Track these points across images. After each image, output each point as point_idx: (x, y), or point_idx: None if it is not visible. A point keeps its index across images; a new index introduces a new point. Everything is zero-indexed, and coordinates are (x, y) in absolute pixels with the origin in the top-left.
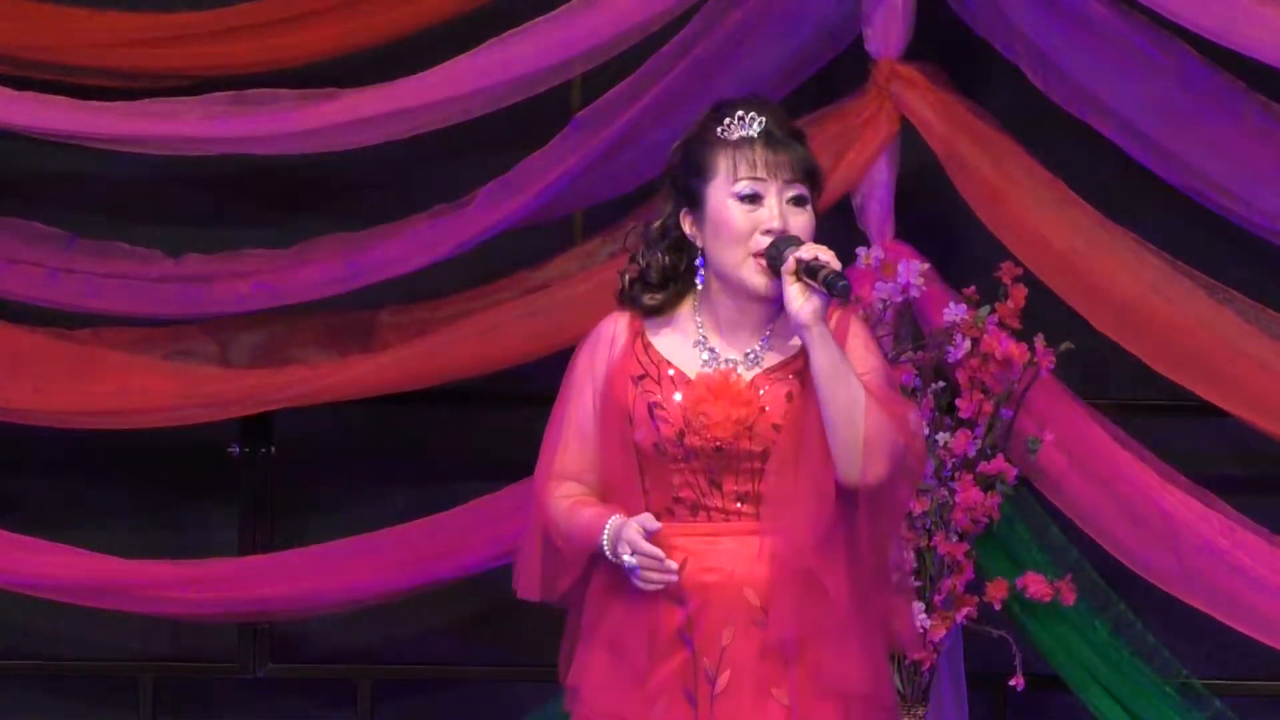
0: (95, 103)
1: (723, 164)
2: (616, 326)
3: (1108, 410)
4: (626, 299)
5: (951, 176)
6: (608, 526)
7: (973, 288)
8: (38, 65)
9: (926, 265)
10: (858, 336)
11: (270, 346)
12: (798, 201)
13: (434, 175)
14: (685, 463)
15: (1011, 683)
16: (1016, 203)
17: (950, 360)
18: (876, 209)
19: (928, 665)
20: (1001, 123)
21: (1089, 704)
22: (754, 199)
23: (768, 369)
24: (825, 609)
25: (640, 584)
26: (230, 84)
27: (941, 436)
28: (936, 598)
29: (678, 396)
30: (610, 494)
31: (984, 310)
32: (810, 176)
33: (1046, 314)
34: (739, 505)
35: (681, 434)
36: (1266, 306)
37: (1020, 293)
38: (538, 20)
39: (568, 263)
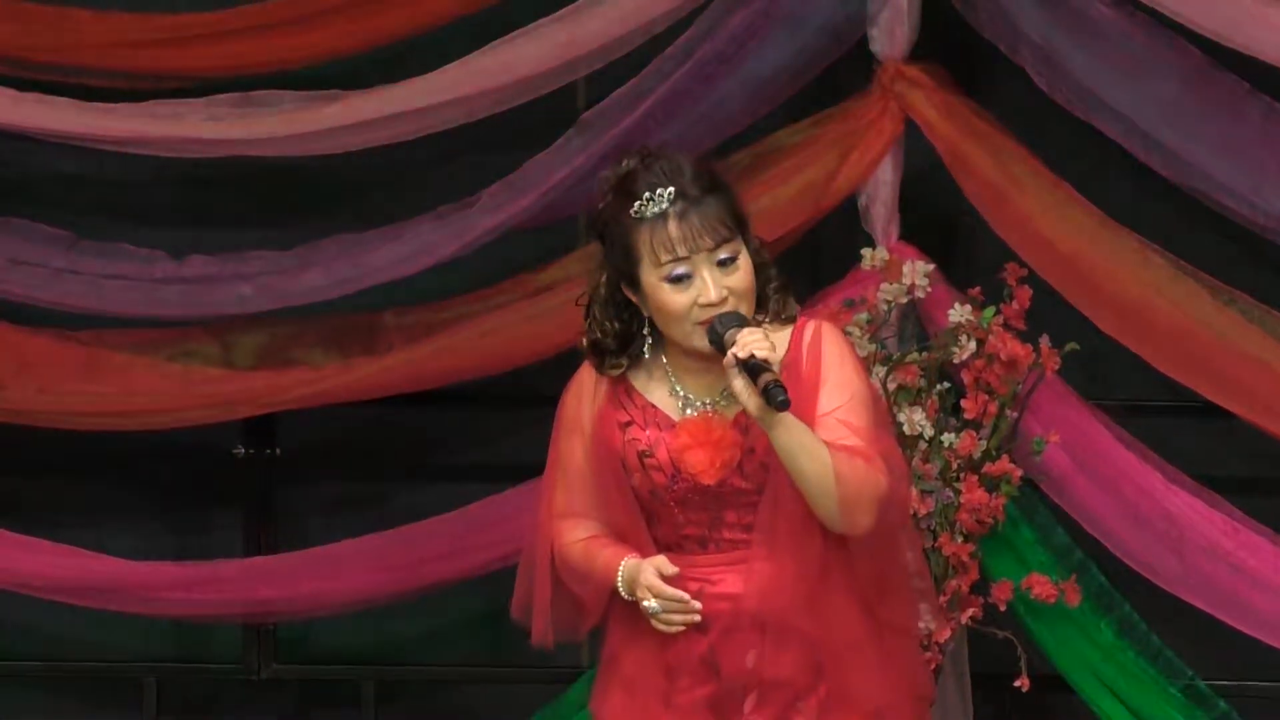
0: (99, 104)
1: (644, 248)
2: (593, 374)
3: (1112, 411)
4: (594, 365)
5: (956, 177)
6: (621, 568)
7: (978, 289)
8: (42, 66)
9: (931, 266)
10: (831, 357)
11: (274, 348)
12: (727, 262)
13: (438, 177)
14: (682, 505)
15: (1016, 684)
16: (1021, 204)
17: (955, 361)
18: (881, 210)
19: (933, 666)
20: (1006, 124)
21: (1094, 705)
22: (684, 279)
23: None
24: (832, 640)
25: (661, 627)
26: (234, 85)
27: (946, 437)
28: (942, 599)
29: (664, 443)
30: (619, 534)
31: (989, 311)
32: (734, 223)
33: (1051, 315)
34: (747, 534)
35: (673, 480)
36: (1271, 308)
37: (1025, 294)
38: (542, 21)
39: (571, 264)
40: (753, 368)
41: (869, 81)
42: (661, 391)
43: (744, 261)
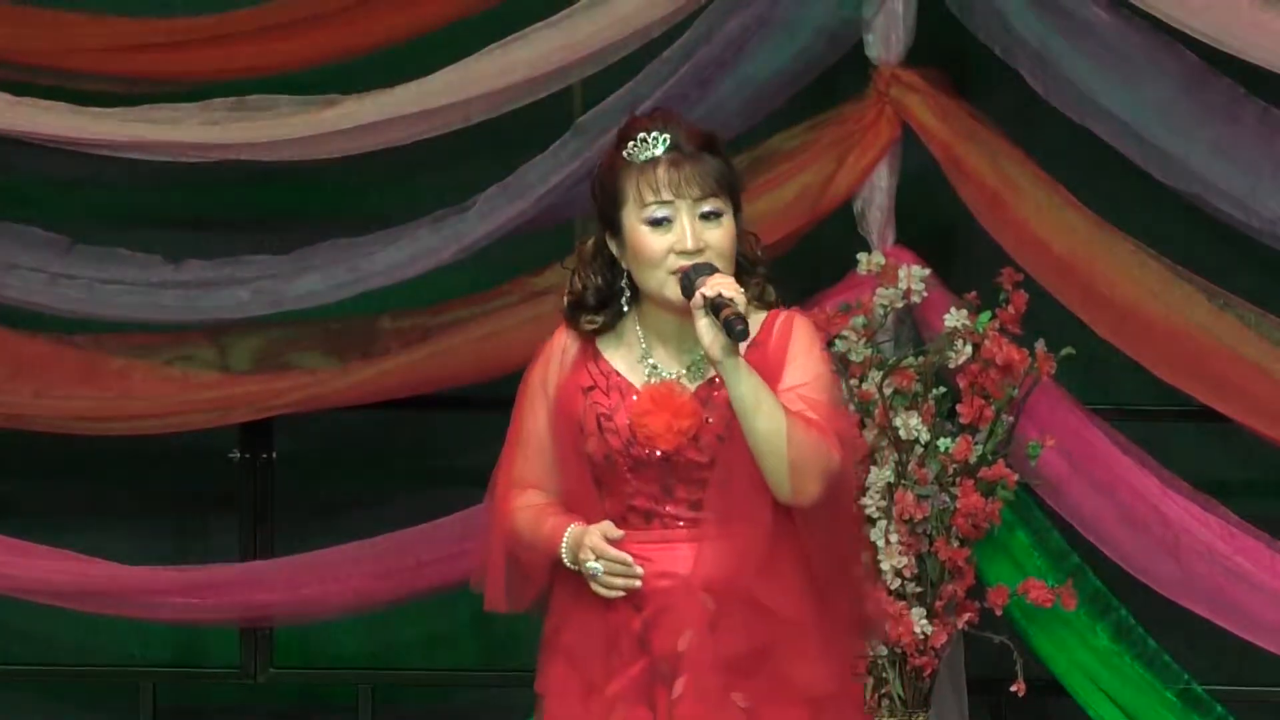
0: (95, 108)
1: (630, 189)
2: (567, 339)
3: (1108, 415)
4: (570, 323)
5: (952, 181)
6: (566, 534)
7: (974, 293)
8: (38, 70)
9: (927, 270)
10: (800, 343)
11: (271, 352)
12: (710, 216)
13: (434, 181)
14: (635, 473)
15: (1013, 688)
16: (1017, 208)
17: (951, 365)
18: (877, 214)
19: (929, 671)
20: (1002, 128)
21: (1090, 710)
22: (664, 222)
23: (710, 379)
24: (774, 620)
25: (602, 590)
26: (230, 90)
27: (943, 442)
28: (938, 603)
29: (624, 408)
30: (570, 504)
31: (985, 315)
32: (724, 186)
33: (1047, 319)
34: (693, 512)
35: (629, 445)
36: (1267, 311)
37: (1021, 298)
38: (538, 25)
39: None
40: (717, 305)
41: (865, 86)
42: (630, 359)
43: (728, 223)
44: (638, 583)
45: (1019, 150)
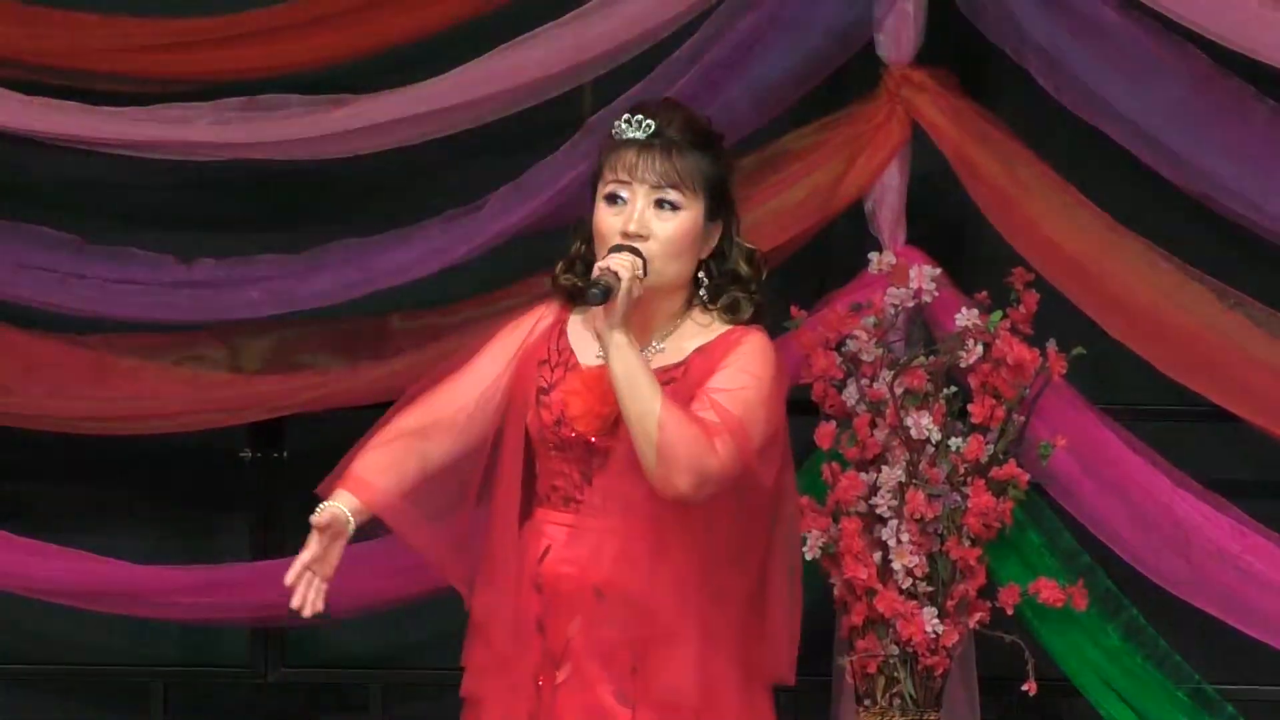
0: (106, 108)
1: (604, 164)
2: (545, 310)
3: (1119, 415)
4: (554, 277)
5: (963, 181)
6: (334, 498)
7: (984, 293)
8: (49, 70)
9: (938, 270)
10: (741, 355)
11: (281, 352)
12: (666, 205)
13: (445, 180)
14: (560, 452)
15: (1024, 688)
16: (1028, 208)
17: (962, 365)
18: (888, 214)
19: (940, 670)
20: (1013, 128)
21: (1101, 709)
22: (616, 200)
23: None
24: (647, 617)
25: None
26: (241, 90)
27: (954, 442)
28: (949, 603)
29: (561, 386)
30: (501, 469)
31: (996, 315)
32: (694, 183)
33: (1058, 319)
34: (604, 502)
35: (558, 423)
36: (1277, 311)
37: (1032, 298)
38: (549, 25)
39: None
40: (593, 279)
41: (875, 86)
42: (586, 340)
43: (685, 218)
44: None
45: (1030, 150)
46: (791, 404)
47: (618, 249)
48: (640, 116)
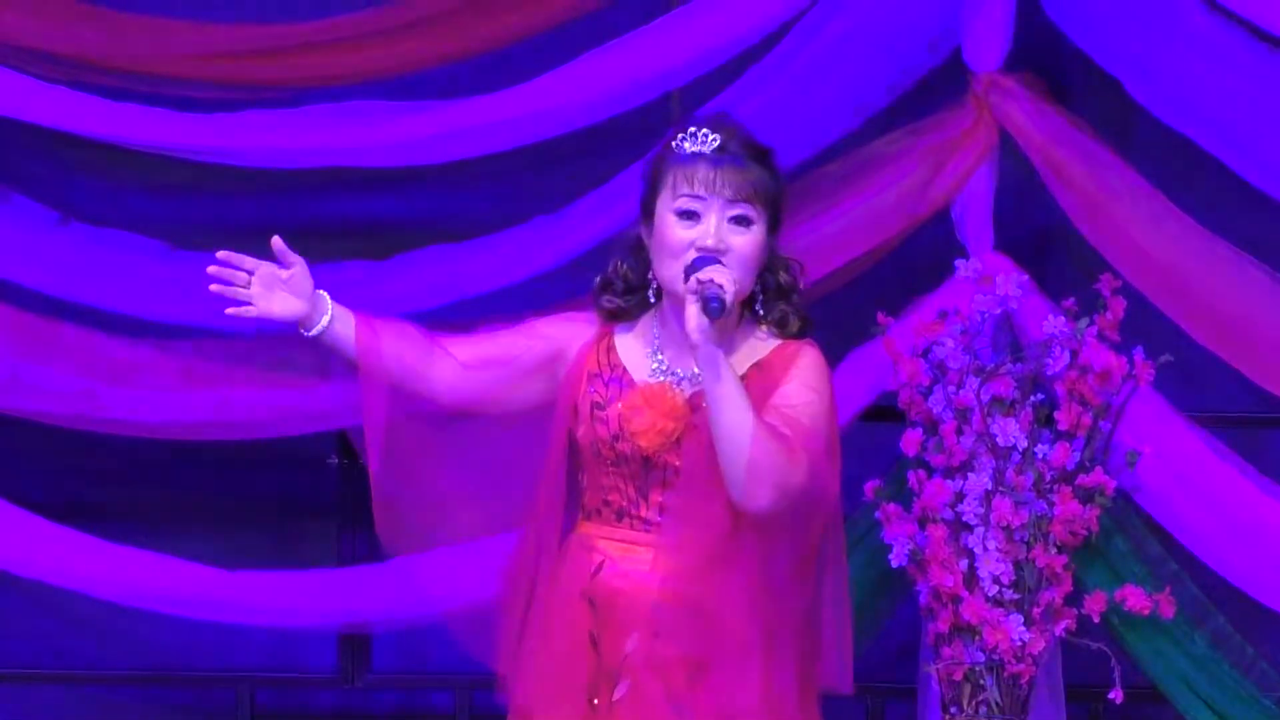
0: (193, 114)
1: (669, 179)
2: (589, 320)
3: (1207, 423)
4: (594, 302)
5: (1050, 188)
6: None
7: (1071, 300)
8: (136, 77)
9: (1025, 277)
10: (803, 370)
11: None
12: (740, 221)
13: (533, 187)
14: (616, 467)
15: (1110, 695)
16: (1116, 214)
17: (1049, 373)
18: (975, 221)
19: (1026, 678)
20: (1100, 134)
21: (1188, 717)
22: (692, 216)
23: None
24: (719, 631)
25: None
26: (329, 96)
27: (1040, 449)
28: (1035, 610)
29: (618, 401)
30: (543, 478)
31: (1083, 322)
32: (762, 198)
33: (1146, 326)
34: (661, 517)
35: (615, 438)
36: None
37: (1119, 305)
38: (637, 31)
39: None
40: (706, 295)
41: (963, 92)
42: (640, 355)
43: (757, 233)
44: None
45: (1117, 156)
46: (877, 410)
47: (703, 262)
48: (704, 130)
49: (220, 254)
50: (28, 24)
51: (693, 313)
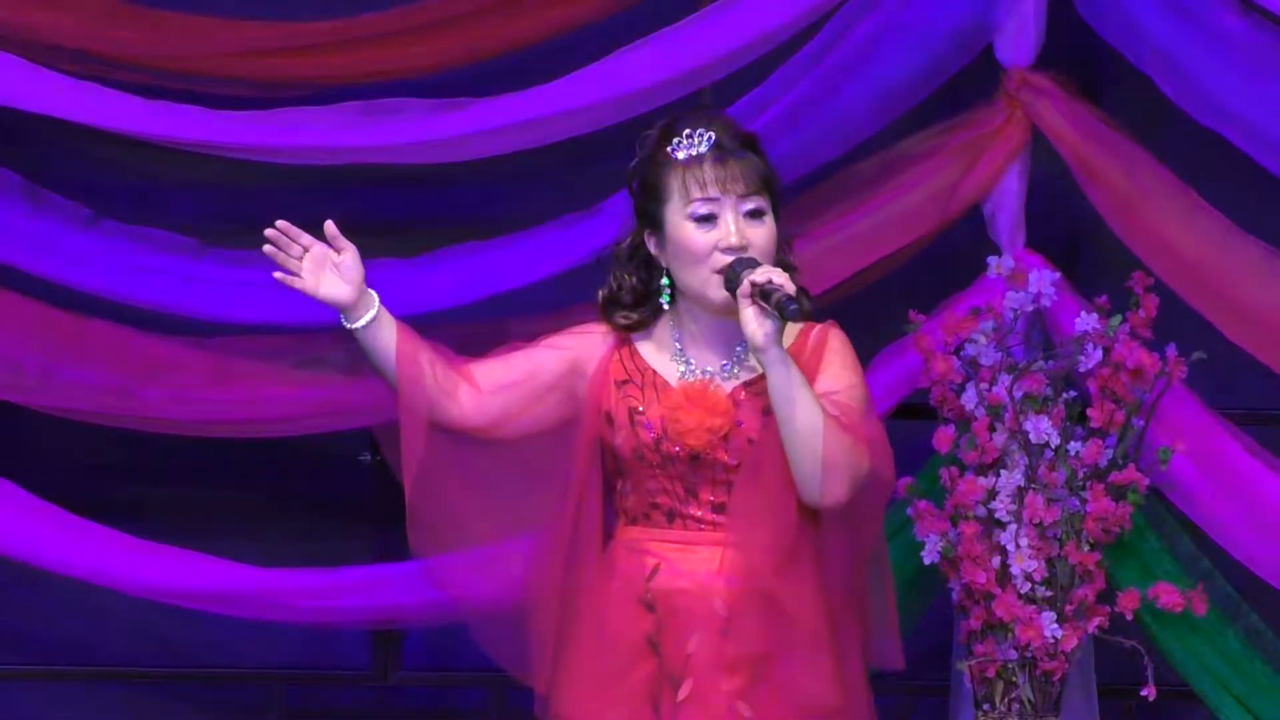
0: (226, 112)
1: (675, 185)
2: (604, 329)
3: (1239, 420)
4: (604, 318)
5: (1082, 185)
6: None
7: (1104, 297)
8: (168, 74)
9: (1057, 274)
10: (836, 352)
11: None
12: (754, 214)
13: (564, 184)
14: (662, 469)
15: (1143, 693)
16: (1148, 212)
17: (1081, 370)
18: (1007, 218)
19: (1059, 675)
20: (1132, 132)
21: (1221, 715)
22: (709, 219)
23: (745, 383)
24: (791, 624)
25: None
26: (361, 93)
27: (1073, 446)
28: (1068, 607)
29: (658, 404)
30: (576, 490)
31: (1115, 320)
32: (766, 185)
33: (1178, 323)
34: (714, 515)
35: (659, 441)
36: None
37: (1152, 302)
38: (668, 28)
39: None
40: (767, 292)
41: (995, 90)
42: (664, 359)
43: (770, 222)
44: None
45: (1149, 154)
46: (910, 408)
47: (742, 265)
48: (698, 130)
49: (279, 223)
50: (60, 21)
51: (751, 316)
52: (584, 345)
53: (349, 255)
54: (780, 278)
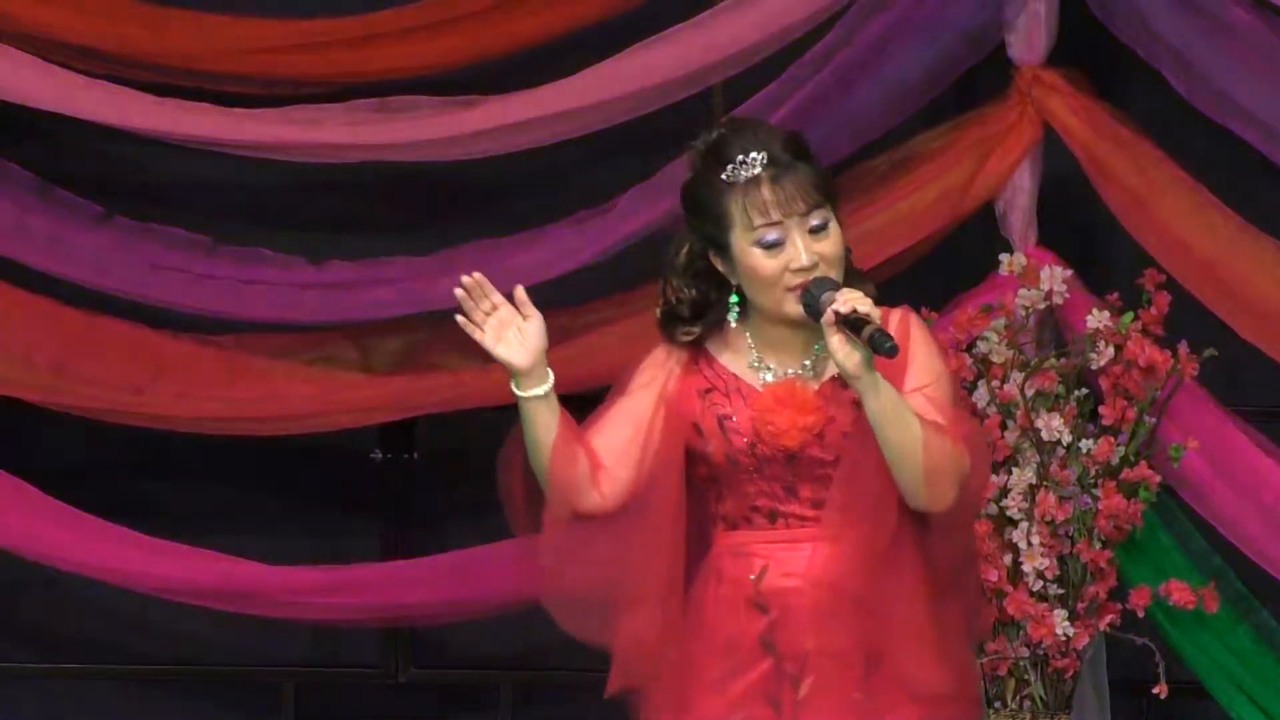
0: (238, 110)
1: (736, 212)
2: (671, 347)
3: (1251, 417)
4: (665, 337)
5: (1094, 183)
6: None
7: (1115, 294)
8: (180, 73)
9: (1069, 272)
10: (920, 342)
11: (413, 352)
12: (819, 229)
13: (576, 181)
14: (759, 472)
15: (1154, 690)
16: (1159, 209)
17: (1093, 367)
18: (1019, 216)
19: (1070, 673)
20: (1144, 129)
21: (1232, 712)
22: (776, 244)
23: (832, 378)
24: (893, 616)
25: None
26: (372, 91)
27: (1084, 443)
28: (1079, 605)
29: (747, 408)
30: (666, 503)
31: (1127, 317)
32: (824, 194)
33: (1190, 321)
34: (816, 511)
35: (753, 445)
36: None
37: (1163, 299)
38: (680, 26)
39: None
40: (854, 322)
41: (1006, 87)
42: (741, 363)
43: (834, 229)
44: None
45: (1161, 151)
46: None
47: (820, 287)
48: (749, 153)
49: (476, 275)
50: (71, 19)
51: (838, 345)
52: (662, 371)
53: (534, 323)
54: (864, 305)
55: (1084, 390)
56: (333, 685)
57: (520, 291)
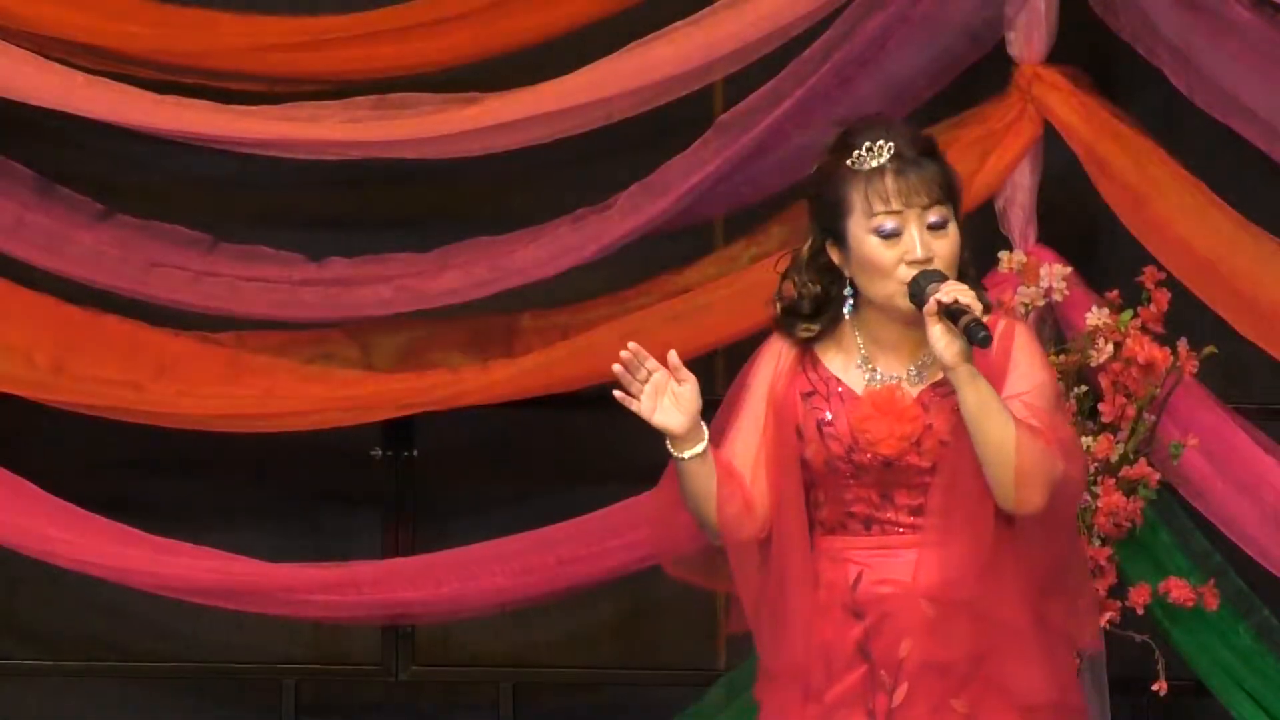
0: (237, 107)
1: (857, 198)
2: (782, 344)
3: (1251, 414)
4: (783, 331)
5: (1094, 180)
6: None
7: (1115, 292)
8: (180, 69)
9: (1069, 269)
10: (1024, 350)
11: (413, 350)
12: (938, 225)
13: (576, 179)
14: (855, 479)
15: (1154, 688)
16: (1159, 207)
17: (1093, 364)
18: (1019, 213)
19: (1072, 670)
20: (1144, 126)
21: (1232, 710)
22: (894, 234)
23: (933, 384)
24: (994, 625)
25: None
26: (372, 88)
27: (1084, 441)
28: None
29: (845, 414)
30: (777, 507)
31: (1127, 314)
32: (948, 193)
33: (1189, 318)
34: (913, 518)
35: (850, 451)
36: None
37: (1163, 297)
38: (680, 23)
39: (709, 267)
40: (954, 312)
41: (1007, 84)
42: (849, 365)
43: (953, 231)
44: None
45: (1161, 149)
46: None
47: (928, 278)
48: (878, 142)
49: (632, 345)
50: (72, 16)
51: (938, 335)
52: (769, 372)
53: (689, 387)
54: (966, 296)
55: (1083, 387)
56: (333, 682)
57: (674, 356)
